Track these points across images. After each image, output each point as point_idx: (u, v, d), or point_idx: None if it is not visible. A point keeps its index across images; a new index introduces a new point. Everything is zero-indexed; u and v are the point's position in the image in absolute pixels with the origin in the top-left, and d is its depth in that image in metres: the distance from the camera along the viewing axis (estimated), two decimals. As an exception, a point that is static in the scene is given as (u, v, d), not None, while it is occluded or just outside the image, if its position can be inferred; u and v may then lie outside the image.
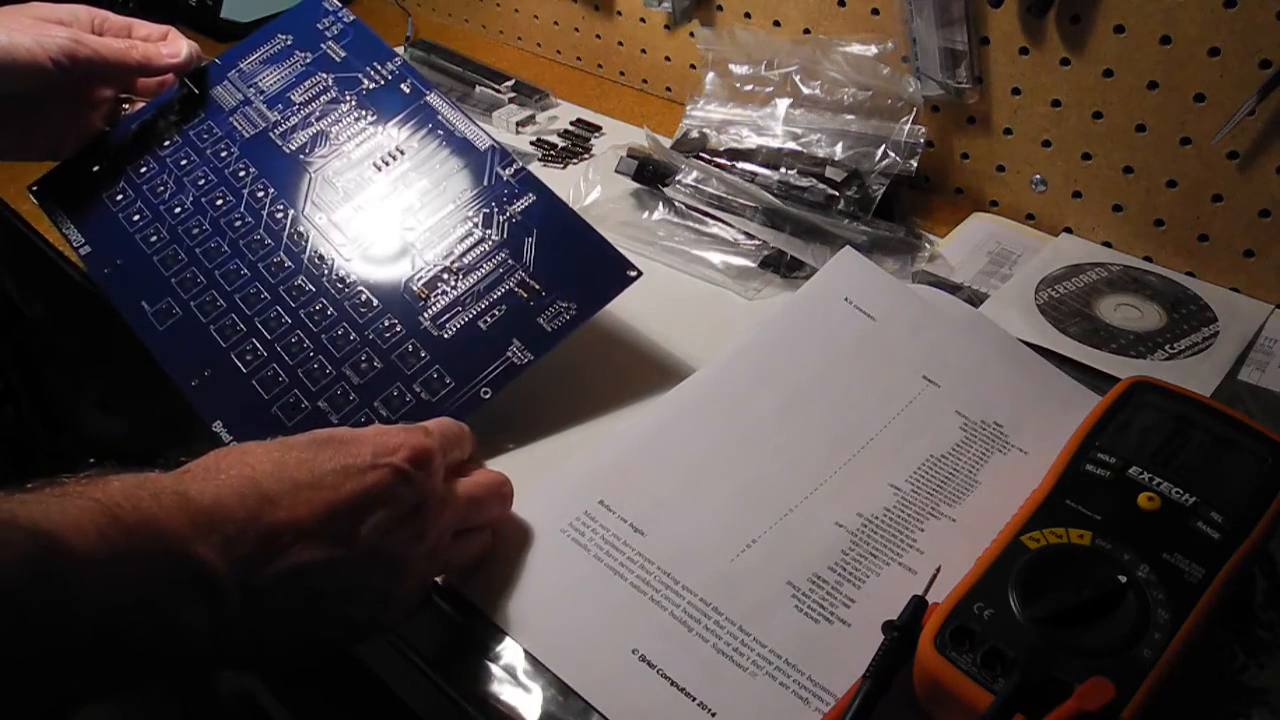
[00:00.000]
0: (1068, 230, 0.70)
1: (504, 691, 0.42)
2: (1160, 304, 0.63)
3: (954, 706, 0.37)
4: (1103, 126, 0.65)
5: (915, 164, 0.69)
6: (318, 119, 0.64)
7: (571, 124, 0.86)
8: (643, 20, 0.88)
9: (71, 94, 0.62)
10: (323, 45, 0.67)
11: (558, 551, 0.46)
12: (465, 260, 0.57)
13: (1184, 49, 0.60)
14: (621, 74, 0.93)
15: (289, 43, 0.67)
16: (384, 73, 0.65)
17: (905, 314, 0.58)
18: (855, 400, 0.53)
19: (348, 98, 0.64)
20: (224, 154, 0.63)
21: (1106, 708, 0.35)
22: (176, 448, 0.40)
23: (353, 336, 0.55)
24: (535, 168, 0.80)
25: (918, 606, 0.41)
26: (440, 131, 0.62)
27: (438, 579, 0.46)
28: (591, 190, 0.74)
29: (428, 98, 0.64)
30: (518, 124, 0.85)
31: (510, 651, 0.43)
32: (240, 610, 0.36)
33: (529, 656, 0.43)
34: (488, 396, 0.53)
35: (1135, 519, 0.42)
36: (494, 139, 0.61)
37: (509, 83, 0.90)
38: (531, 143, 0.83)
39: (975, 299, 0.64)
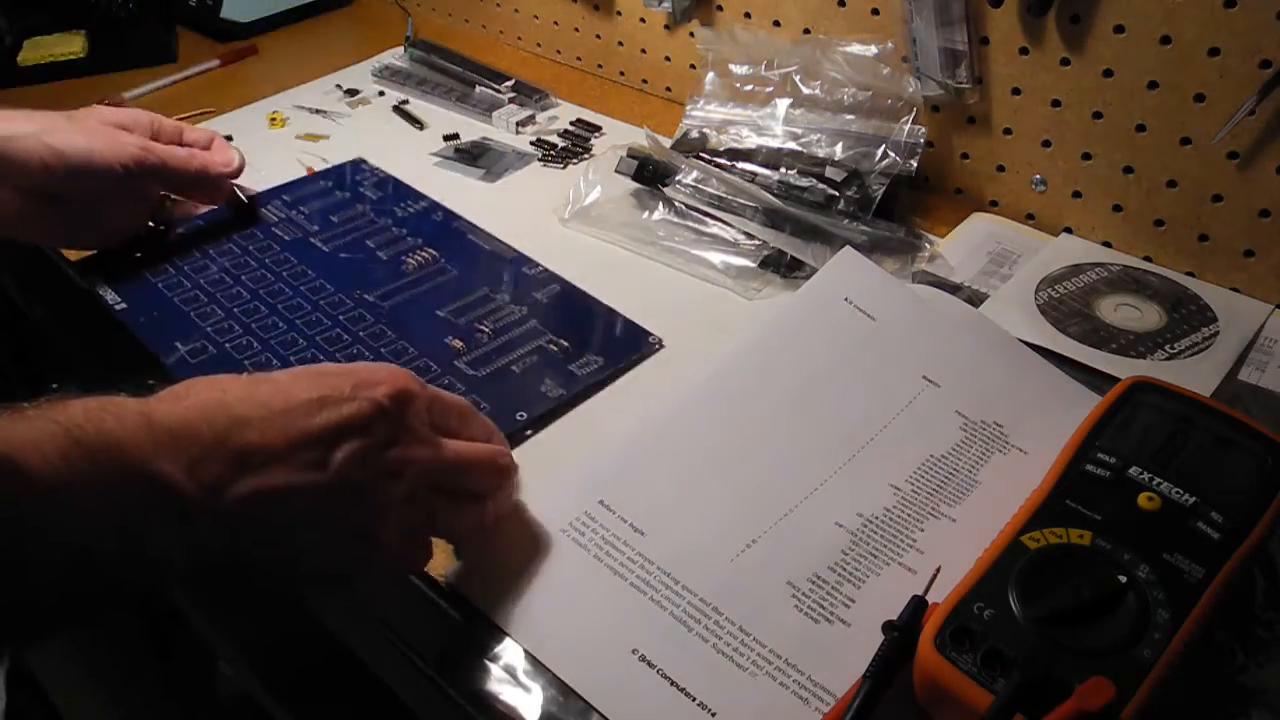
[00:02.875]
0: (1068, 230, 0.70)
1: (504, 691, 0.42)
2: (1160, 304, 0.63)
3: (954, 706, 0.37)
4: (1103, 126, 0.65)
5: (915, 164, 0.69)
6: (358, 231, 0.72)
7: (571, 124, 0.86)
8: (643, 20, 0.88)
9: (129, 194, 0.66)
10: (360, 189, 0.77)
11: (558, 552, 0.47)
12: (497, 325, 0.62)
13: (1184, 49, 0.60)
14: (621, 74, 0.93)
15: (329, 185, 0.78)
16: (416, 208, 0.74)
17: (905, 314, 0.58)
18: (855, 400, 0.53)
19: (384, 220, 0.73)
20: (269, 252, 0.69)
21: (1106, 708, 0.35)
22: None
23: None
24: (535, 168, 0.80)
25: (918, 606, 0.41)
26: (469, 246, 0.70)
27: (437, 577, 0.46)
28: (591, 190, 0.74)
29: (456, 223, 0.72)
30: (518, 124, 0.85)
31: (510, 652, 0.43)
32: (211, 531, 0.36)
33: (529, 656, 0.43)
34: (522, 419, 0.55)
35: (1135, 519, 0.42)
36: (519, 250, 0.69)
37: (509, 83, 0.90)
38: (531, 143, 0.83)
39: (975, 299, 0.64)
